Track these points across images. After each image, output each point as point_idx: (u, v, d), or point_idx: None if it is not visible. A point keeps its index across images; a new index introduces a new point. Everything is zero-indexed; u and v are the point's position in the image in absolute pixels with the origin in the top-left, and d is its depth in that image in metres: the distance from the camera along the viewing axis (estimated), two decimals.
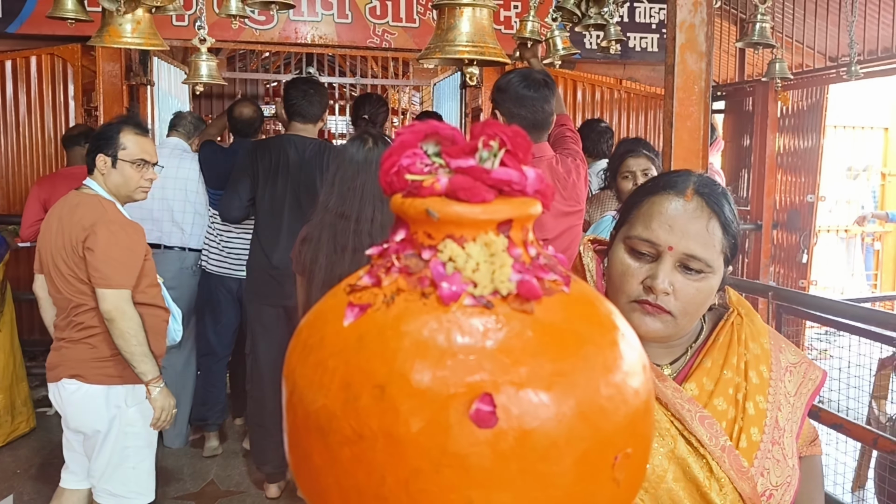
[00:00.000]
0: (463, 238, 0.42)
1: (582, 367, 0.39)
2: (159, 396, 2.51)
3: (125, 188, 2.58)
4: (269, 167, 3.56)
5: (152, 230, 4.04)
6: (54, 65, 5.36)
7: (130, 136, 2.57)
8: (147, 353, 2.47)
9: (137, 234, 2.56)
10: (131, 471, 2.61)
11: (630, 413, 0.40)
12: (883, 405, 3.22)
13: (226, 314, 4.19)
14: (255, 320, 3.71)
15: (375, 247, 0.46)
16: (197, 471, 3.91)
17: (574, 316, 0.41)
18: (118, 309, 2.43)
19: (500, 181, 0.44)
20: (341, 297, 0.44)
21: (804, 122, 5.08)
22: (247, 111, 4.34)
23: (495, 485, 0.36)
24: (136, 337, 2.45)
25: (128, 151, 2.55)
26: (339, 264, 2.34)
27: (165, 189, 4.02)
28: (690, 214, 1.05)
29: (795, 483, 1.13)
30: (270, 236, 3.59)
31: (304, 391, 0.40)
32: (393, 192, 0.47)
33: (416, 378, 0.37)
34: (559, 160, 2.41)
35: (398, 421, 0.36)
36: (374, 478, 0.37)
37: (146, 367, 2.46)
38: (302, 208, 3.56)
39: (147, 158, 2.60)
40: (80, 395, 2.52)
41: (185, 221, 4.09)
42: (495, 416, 0.36)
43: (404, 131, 0.49)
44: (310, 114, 3.62)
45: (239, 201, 3.63)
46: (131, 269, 2.51)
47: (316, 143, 3.63)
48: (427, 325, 0.39)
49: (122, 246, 2.49)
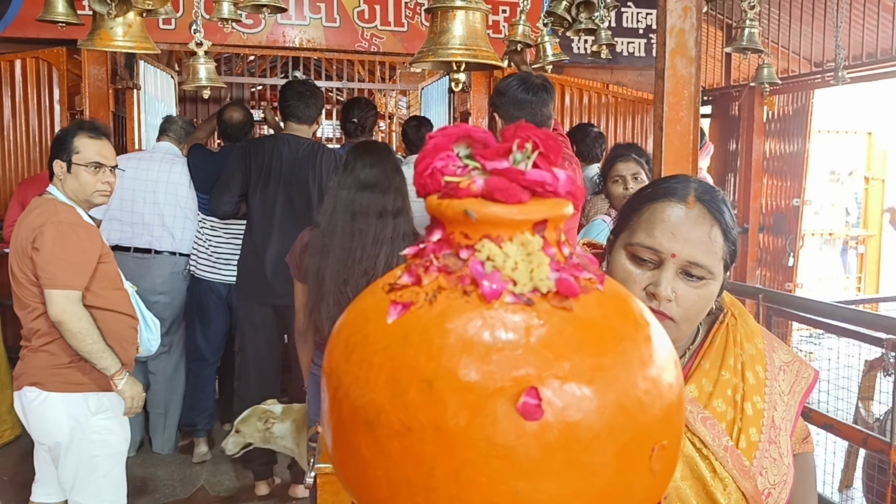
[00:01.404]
0: (500, 238, 0.44)
1: (621, 362, 0.40)
2: (126, 387, 2.48)
3: (82, 192, 2.53)
4: (262, 165, 3.59)
5: (143, 234, 4.02)
6: (39, 68, 5.32)
7: (84, 140, 2.54)
8: (105, 349, 2.43)
9: (90, 235, 2.50)
10: (102, 480, 2.55)
11: (665, 406, 0.42)
12: (869, 406, 3.26)
13: (215, 319, 4.18)
14: (245, 319, 3.73)
15: (411, 247, 0.48)
16: (186, 477, 3.89)
17: (610, 312, 0.43)
18: (65, 310, 2.39)
19: (534, 182, 0.45)
20: (380, 296, 0.45)
21: (790, 127, 5.14)
22: (237, 115, 4.34)
23: (541, 475, 0.37)
24: (90, 335, 2.41)
25: (81, 155, 2.52)
26: (348, 271, 2.36)
27: (157, 194, 4.00)
28: (693, 222, 1.06)
29: (791, 481, 1.15)
30: (262, 234, 3.62)
31: (349, 387, 0.41)
32: (427, 193, 0.48)
33: (463, 373, 0.38)
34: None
35: (447, 414, 0.38)
36: (424, 469, 0.38)
37: (106, 362, 2.43)
38: (294, 207, 3.58)
39: (102, 161, 2.55)
40: (38, 403, 2.48)
41: (175, 226, 4.06)
42: (541, 409, 0.37)
43: (436, 134, 0.50)
44: (305, 115, 3.65)
45: (229, 196, 3.65)
46: (80, 269, 2.45)
47: (309, 143, 3.65)
48: (471, 321, 0.40)
49: (70, 246, 2.43)
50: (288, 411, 3.33)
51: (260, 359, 3.72)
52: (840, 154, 7.98)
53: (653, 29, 5.63)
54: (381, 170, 2.42)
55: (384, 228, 2.38)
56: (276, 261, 3.57)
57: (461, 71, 2.43)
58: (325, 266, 2.38)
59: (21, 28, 5.06)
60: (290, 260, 2.57)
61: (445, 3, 2.34)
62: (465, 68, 2.46)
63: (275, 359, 3.81)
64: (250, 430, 3.15)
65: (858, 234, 7.47)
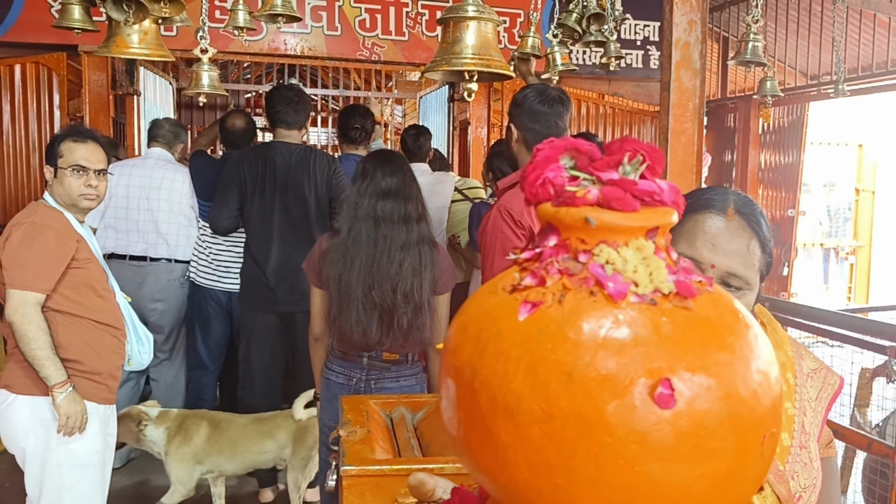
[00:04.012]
0: (616, 243, 0.48)
1: (738, 357, 0.44)
2: (63, 402, 2.38)
3: (67, 197, 2.50)
4: (256, 176, 3.58)
5: (138, 242, 4.01)
6: (39, 73, 5.32)
7: (67, 144, 2.51)
8: (49, 357, 2.36)
9: (60, 240, 2.43)
10: (66, 492, 2.46)
11: (773, 398, 0.46)
12: (865, 413, 3.32)
13: (215, 327, 4.19)
14: (249, 327, 3.74)
15: (527, 251, 0.51)
16: None
17: (723, 312, 0.47)
18: (17, 311, 2.34)
19: (644, 192, 0.49)
20: (503, 296, 0.49)
21: (785, 139, 5.23)
22: (239, 122, 4.35)
23: (673, 458, 0.41)
24: (35, 340, 2.34)
25: (64, 159, 2.50)
26: (374, 277, 2.40)
27: (150, 200, 3.98)
28: (732, 233, 1.09)
29: (819, 485, 1.19)
30: (262, 245, 3.61)
31: (487, 378, 0.45)
32: (538, 201, 0.52)
33: (601, 365, 0.42)
34: None
35: (587, 403, 0.41)
36: (565, 452, 0.42)
37: (48, 371, 2.36)
38: (291, 215, 3.58)
39: (85, 164, 2.50)
40: (6, 406, 2.44)
41: (170, 233, 4.05)
42: (674, 398, 0.41)
43: (544, 147, 0.54)
44: (294, 121, 3.65)
45: (228, 212, 3.65)
46: (43, 271, 2.38)
47: (301, 149, 3.65)
48: (603, 318, 0.44)
49: (36, 247, 2.38)
50: (164, 417, 3.31)
51: (264, 367, 3.73)
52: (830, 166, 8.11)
53: (650, 41, 5.71)
54: (401, 178, 2.47)
55: (408, 234, 2.43)
56: (277, 270, 3.58)
57: (473, 80, 2.48)
58: (350, 273, 2.41)
59: (21, 33, 5.06)
60: (308, 267, 2.60)
61: (458, 14, 2.39)
62: (477, 78, 2.52)
63: (279, 367, 3.83)
64: (123, 430, 3.10)
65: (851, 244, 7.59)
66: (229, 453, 3.26)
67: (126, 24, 2.58)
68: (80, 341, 2.45)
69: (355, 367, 2.56)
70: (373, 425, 2.08)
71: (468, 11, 2.36)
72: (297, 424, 3.35)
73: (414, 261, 2.44)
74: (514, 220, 2.29)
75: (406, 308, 2.44)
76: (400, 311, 2.44)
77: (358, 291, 2.42)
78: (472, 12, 2.36)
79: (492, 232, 2.32)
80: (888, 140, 7.92)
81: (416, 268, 2.44)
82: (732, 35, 5.79)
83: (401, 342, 2.50)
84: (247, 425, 3.35)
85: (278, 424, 3.38)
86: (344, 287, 2.44)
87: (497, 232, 2.30)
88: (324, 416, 2.66)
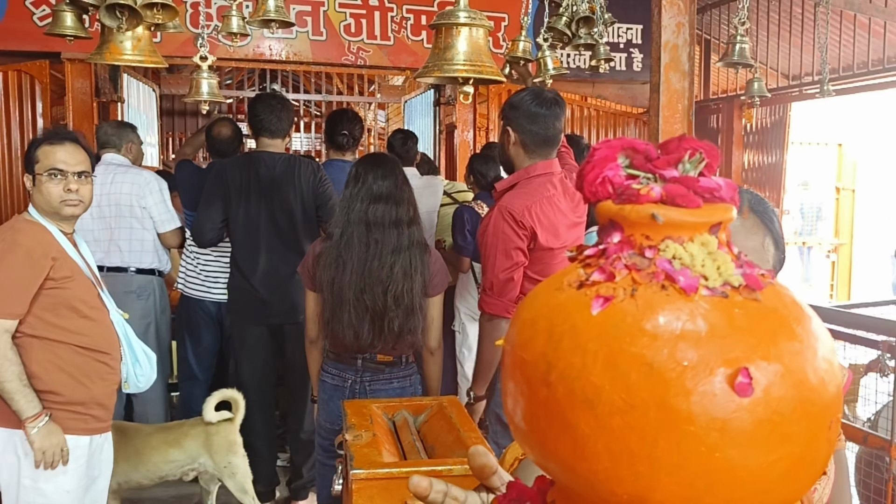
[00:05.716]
0: (681, 239, 0.49)
1: (807, 346, 0.46)
2: (37, 437, 2.20)
3: (48, 205, 2.33)
4: (240, 186, 3.50)
5: (96, 252, 3.85)
6: (21, 81, 5.27)
7: (43, 148, 2.34)
8: (20, 390, 2.18)
9: (31, 259, 2.25)
10: None
11: (837, 385, 0.47)
12: (854, 407, 3.38)
13: (205, 338, 4.13)
14: (239, 341, 3.68)
15: (592, 247, 0.53)
16: (184, 496, 3.86)
17: (787, 303, 0.48)
18: None
19: (705, 189, 0.51)
20: (571, 292, 0.50)
21: (768, 139, 5.30)
22: (226, 131, 4.29)
23: (751, 444, 0.43)
24: (3, 373, 2.16)
25: (40, 164, 2.32)
26: (365, 281, 2.42)
27: (101, 207, 3.78)
28: (748, 231, 1.10)
29: (832, 477, 1.22)
30: (248, 256, 3.54)
31: (564, 371, 0.46)
32: (598, 199, 0.54)
33: (681, 356, 0.43)
34: (567, 175, 2.52)
35: (669, 393, 0.43)
36: (647, 441, 0.43)
37: (19, 404, 2.19)
38: (277, 224, 3.52)
39: (62, 167, 2.32)
40: None
41: (121, 238, 3.86)
42: (752, 386, 0.43)
43: (601, 146, 0.55)
44: (278, 129, 3.59)
45: (212, 223, 3.55)
46: (13, 295, 2.21)
47: (286, 158, 3.60)
48: (678, 311, 0.45)
49: (4, 267, 2.21)
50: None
51: (257, 380, 3.67)
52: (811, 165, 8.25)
53: (633, 43, 5.76)
54: (393, 181, 2.48)
55: (400, 238, 2.44)
56: (266, 280, 3.52)
57: (468, 84, 2.50)
58: (343, 276, 2.43)
59: (2, 41, 5.01)
60: (302, 270, 2.61)
61: (450, 20, 2.41)
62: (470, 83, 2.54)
63: (271, 379, 3.77)
64: None
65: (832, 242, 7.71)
66: (134, 461, 3.08)
67: (119, 31, 2.58)
68: (58, 370, 2.28)
69: (349, 368, 2.57)
70: (377, 429, 2.09)
71: (460, 17, 2.37)
72: (207, 431, 3.20)
73: (405, 264, 2.45)
74: (516, 221, 2.31)
75: (397, 311, 2.45)
76: (391, 314, 2.45)
77: (350, 295, 2.44)
78: (464, 18, 2.38)
79: (493, 232, 2.34)
80: (867, 139, 8.08)
81: (408, 271, 2.46)
82: (714, 37, 5.87)
83: (392, 344, 2.52)
84: (151, 434, 3.20)
85: (185, 433, 3.22)
86: (336, 290, 2.46)
87: (499, 232, 2.32)
88: (321, 417, 2.67)
